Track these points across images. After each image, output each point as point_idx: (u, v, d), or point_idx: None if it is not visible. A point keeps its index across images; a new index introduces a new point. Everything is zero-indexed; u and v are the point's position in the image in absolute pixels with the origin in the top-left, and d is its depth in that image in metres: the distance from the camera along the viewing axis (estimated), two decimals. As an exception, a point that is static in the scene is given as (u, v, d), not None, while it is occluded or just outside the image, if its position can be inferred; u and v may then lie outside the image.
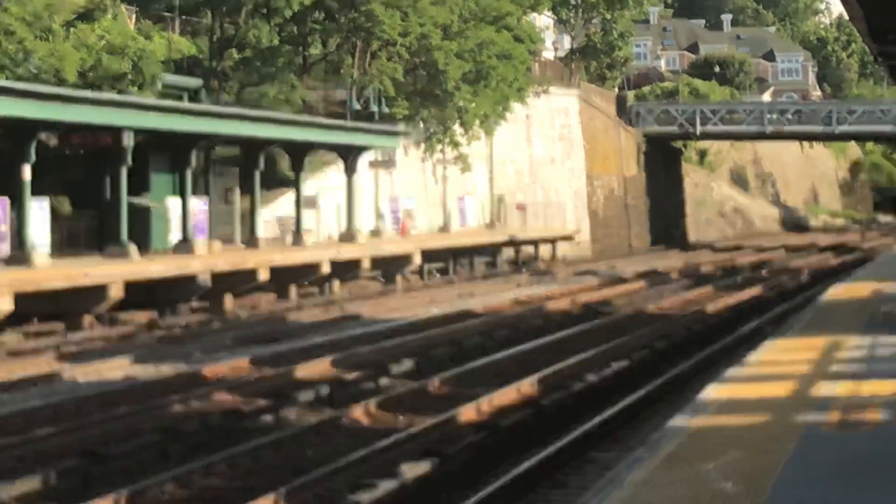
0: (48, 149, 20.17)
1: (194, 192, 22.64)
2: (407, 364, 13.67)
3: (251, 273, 20.88)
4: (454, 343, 15.63)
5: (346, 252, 24.89)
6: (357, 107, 29.32)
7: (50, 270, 17.82)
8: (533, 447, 8.62)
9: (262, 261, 21.31)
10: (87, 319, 17.91)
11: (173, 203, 22.41)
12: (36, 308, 17.32)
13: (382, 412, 10.74)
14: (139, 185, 21.72)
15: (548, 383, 11.91)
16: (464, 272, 30.01)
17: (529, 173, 38.86)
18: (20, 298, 16.05)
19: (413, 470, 7.81)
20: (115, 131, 19.67)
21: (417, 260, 26.65)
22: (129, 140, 19.64)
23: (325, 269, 22.91)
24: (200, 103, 25.88)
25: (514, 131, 36.62)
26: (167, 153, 22.86)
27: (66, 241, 20.45)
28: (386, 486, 7.31)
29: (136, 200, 21.46)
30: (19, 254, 18.12)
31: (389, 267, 26.10)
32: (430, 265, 28.50)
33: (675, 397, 11.21)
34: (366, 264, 24.92)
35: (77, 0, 22.63)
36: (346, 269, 24.36)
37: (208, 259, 20.94)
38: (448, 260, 29.53)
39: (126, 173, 20.12)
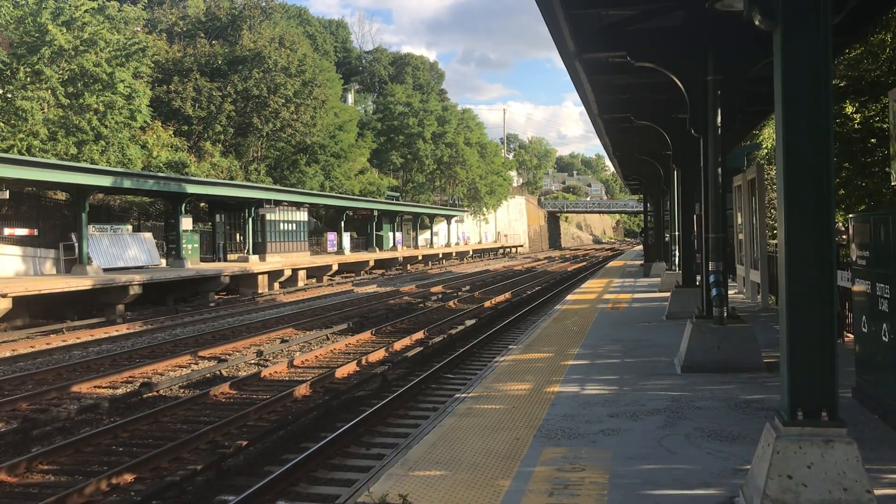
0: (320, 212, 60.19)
1: (399, 230, 64.03)
2: (466, 286, 33.90)
3: (416, 257, 60.19)
4: (482, 279, 38.77)
5: (447, 250, 68.29)
6: (451, 202, 77.77)
7: (350, 255, 49.05)
8: (512, 314, 22.42)
9: (418, 253, 62.05)
10: (362, 271, 46.56)
11: (390, 233, 62.39)
12: (345, 268, 44.29)
13: (459, 303, 26.59)
14: (378, 227, 60.41)
15: (515, 293, 29.89)
16: (486, 256, 74.02)
17: (508, 224, 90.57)
18: (341, 264, 43.01)
19: (469, 322, 20.44)
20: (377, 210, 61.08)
21: (470, 252, 71.46)
22: (377, 211, 59.19)
23: (440, 255, 64.98)
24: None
25: (504, 209, 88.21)
26: (391, 216, 63.03)
27: (354, 247, 58.50)
28: (461, 327, 19.90)
29: (378, 233, 60.66)
30: (339, 250, 54.40)
31: (462, 254, 69.44)
32: (474, 254, 72.66)
33: (556, 297, 29.30)
34: (453, 253, 67.91)
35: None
36: (447, 256, 66.56)
37: (401, 252, 59.63)
38: (480, 252, 74.65)
39: (375, 225, 59.73)
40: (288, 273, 36.64)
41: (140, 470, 8.54)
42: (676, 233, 19.41)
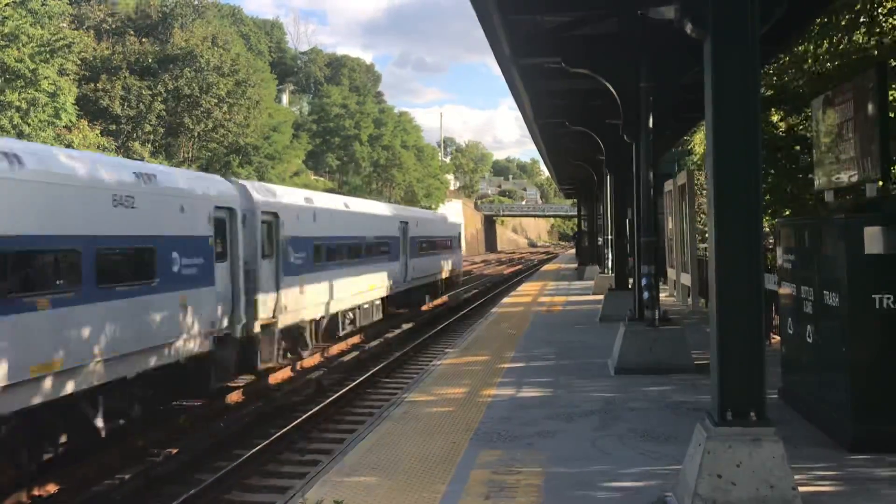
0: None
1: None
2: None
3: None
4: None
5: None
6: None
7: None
8: (449, 317, 27.95)
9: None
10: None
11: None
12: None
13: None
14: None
15: (452, 296, 33.12)
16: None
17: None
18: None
19: (406, 326, 23.49)
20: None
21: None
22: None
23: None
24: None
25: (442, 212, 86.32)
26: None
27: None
28: (398, 331, 21.12)
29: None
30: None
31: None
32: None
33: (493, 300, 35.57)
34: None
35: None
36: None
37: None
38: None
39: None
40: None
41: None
42: (609, 236, 19.74)
